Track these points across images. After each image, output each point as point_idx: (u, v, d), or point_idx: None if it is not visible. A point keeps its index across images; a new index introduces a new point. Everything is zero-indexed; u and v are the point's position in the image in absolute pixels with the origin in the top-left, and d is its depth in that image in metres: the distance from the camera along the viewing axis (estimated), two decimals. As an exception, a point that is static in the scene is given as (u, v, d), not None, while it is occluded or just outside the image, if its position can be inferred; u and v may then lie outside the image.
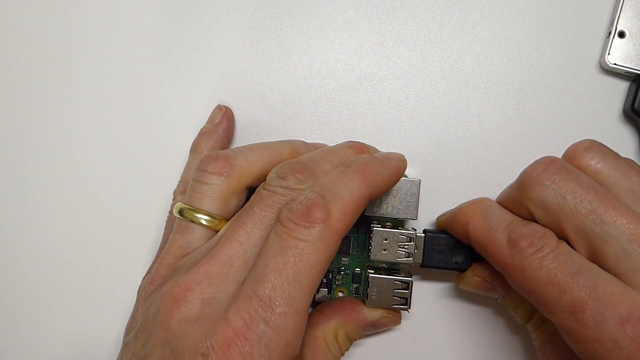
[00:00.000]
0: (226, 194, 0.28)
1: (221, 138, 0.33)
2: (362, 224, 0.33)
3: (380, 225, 0.32)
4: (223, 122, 0.33)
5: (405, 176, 0.33)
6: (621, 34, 0.33)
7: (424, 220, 0.35)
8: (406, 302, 0.31)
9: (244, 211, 0.27)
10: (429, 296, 0.35)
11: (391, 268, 0.33)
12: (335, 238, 0.25)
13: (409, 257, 0.31)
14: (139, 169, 0.35)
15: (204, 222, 0.28)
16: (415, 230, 0.32)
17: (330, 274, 0.33)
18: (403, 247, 0.31)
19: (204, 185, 0.28)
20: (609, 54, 0.33)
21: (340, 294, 0.34)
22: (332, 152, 0.29)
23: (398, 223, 0.33)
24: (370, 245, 0.31)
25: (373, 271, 0.32)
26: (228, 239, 0.26)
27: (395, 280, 0.31)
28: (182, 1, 0.35)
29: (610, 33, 0.33)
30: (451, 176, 0.35)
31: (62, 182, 0.35)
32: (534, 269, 0.24)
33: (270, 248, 0.24)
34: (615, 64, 0.33)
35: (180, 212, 0.28)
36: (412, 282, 0.31)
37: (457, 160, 0.35)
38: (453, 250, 0.32)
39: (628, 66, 0.33)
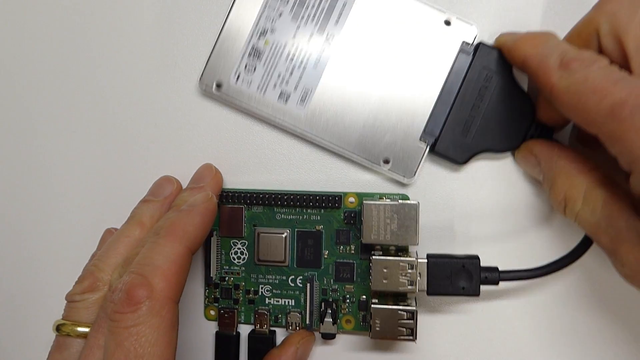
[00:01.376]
0: (101, 301, 0.28)
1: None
2: (365, 251, 0.32)
3: (380, 253, 0.30)
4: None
5: (407, 198, 0.32)
6: (218, 85, 0.33)
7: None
8: (412, 332, 0.30)
9: (99, 316, 0.27)
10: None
11: (397, 295, 0.31)
12: (168, 306, 0.25)
13: (412, 285, 0.29)
14: (139, 169, 0.35)
15: (82, 334, 0.27)
16: (417, 257, 0.30)
17: (334, 304, 0.32)
18: (405, 275, 0.30)
19: (78, 302, 0.28)
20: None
21: (347, 323, 0.32)
22: (157, 231, 0.29)
23: (401, 248, 0.31)
24: (371, 275, 0.30)
25: (377, 300, 0.31)
26: (89, 347, 0.26)
27: (399, 310, 0.30)
28: (182, 1, 0.34)
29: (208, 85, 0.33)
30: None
31: (60, 183, 0.36)
32: (579, 82, 0.24)
33: (108, 348, 0.24)
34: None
35: (58, 327, 0.28)
36: (416, 312, 0.30)
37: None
38: (458, 275, 0.30)
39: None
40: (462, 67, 0.31)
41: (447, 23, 0.31)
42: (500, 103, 0.31)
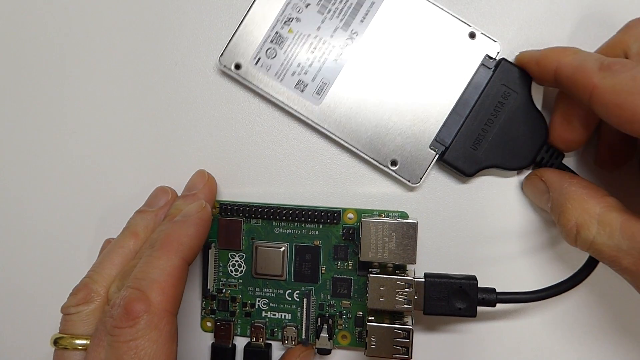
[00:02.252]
0: (97, 313, 0.28)
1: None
2: (363, 268, 0.32)
3: (378, 270, 0.30)
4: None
5: (406, 215, 0.32)
6: (237, 66, 0.32)
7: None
8: (407, 351, 0.29)
9: (98, 330, 0.27)
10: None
11: (394, 313, 0.31)
12: (166, 319, 0.25)
13: (408, 304, 0.29)
14: (139, 169, 0.35)
15: (80, 347, 0.27)
16: (415, 276, 0.30)
17: (330, 319, 0.32)
18: (402, 294, 0.29)
19: (73, 315, 0.28)
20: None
21: (343, 339, 0.32)
22: (152, 244, 0.29)
23: (399, 266, 0.31)
24: (367, 293, 0.30)
25: (373, 318, 0.30)
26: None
27: (395, 328, 0.30)
28: (182, 1, 0.34)
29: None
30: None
31: (60, 183, 0.36)
32: (626, 81, 0.24)
33: None
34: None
35: (55, 341, 0.28)
36: (412, 331, 0.29)
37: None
38: (455, 296, 0.30)
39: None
40: (481, 81, 0.31)
41: (472, 36, 0.31)
42: (515, 121, 0.31)
